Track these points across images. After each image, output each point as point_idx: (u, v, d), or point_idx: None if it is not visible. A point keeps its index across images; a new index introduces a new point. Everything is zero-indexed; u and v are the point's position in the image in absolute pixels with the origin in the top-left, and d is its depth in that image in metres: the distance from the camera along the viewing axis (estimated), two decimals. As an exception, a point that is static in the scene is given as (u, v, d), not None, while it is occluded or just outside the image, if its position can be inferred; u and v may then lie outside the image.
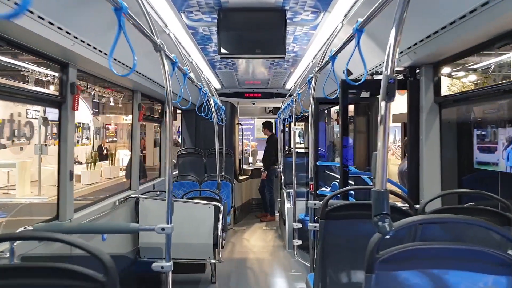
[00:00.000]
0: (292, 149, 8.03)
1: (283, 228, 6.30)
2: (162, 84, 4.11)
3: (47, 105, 2.75)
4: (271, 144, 7.68)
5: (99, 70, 3.17)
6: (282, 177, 6.59)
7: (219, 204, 4.17)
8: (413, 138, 2.97)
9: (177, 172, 6.73)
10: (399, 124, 10.45)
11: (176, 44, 3.38)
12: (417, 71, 2.99)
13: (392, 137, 13.49)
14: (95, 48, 2.70)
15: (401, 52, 2.81)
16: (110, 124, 20.98)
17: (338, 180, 6.04)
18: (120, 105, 21.17)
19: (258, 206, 8.68)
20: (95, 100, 19.05)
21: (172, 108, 2.42)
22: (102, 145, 18.91)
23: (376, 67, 3.22)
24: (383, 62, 3.16)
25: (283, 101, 7.00)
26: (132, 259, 2.89)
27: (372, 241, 1.13)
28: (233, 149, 7.37)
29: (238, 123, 8.26)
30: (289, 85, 6.98)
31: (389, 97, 1.20)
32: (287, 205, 5.96)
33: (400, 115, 9.32)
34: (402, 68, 3.03)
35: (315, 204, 2.85)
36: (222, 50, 2.86)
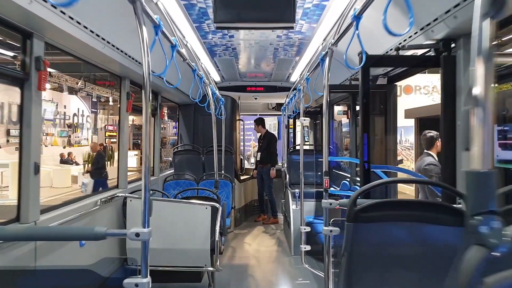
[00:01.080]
0: (298, 146, 7.56)
1: (288, 232, 5.80)
2: (153, 69, 3.65)
3: (6, 82, 2.27)
4: (271, 141, 7.16)
5: (74, 45, 2.69)
6: (287, 176, 6.09)
7: (217, 205, 3.68)
8: (449, 126, 2.47)
9: (173, 170, 6.25)
10: (410, 124, 9.92)
11: (166, 18, 2.89)
12: (453, 45, 2.50)
13: (398, 137, 12.96)
14: (64, 13, 2.22)
15: (436, 20, 2.32)
16: (115, 126, 20.61)
17: (348, 179, 5.56)
18: (119, 105, 20.77)
19: (260, 208, 8.17)
20: (93, 100, 18.68)
21: (150, 95, 1.89)
22: (108, 145, 18.45)
23: (400, 43, 2.72)
24: (411, 36, 2.65)
25: (287, 95, 6.50)
26: (101, 276, 2.40)
27: (471, 260, 0.64)
28: (233, 146, 6.88)
29: (239, 119, 7.77)
30: (294, 77, 6.49)
31: (498, 7, 0.68)
32: (293, 206, 5.46)
33: (413, 110, 8.80)
34: (434, 42, 2.54)
35: (330, 204, 2.35)
36: (219, 18, 2.37)
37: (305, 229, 3.92)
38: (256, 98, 7.15)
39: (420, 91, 12.97)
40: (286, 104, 6.22)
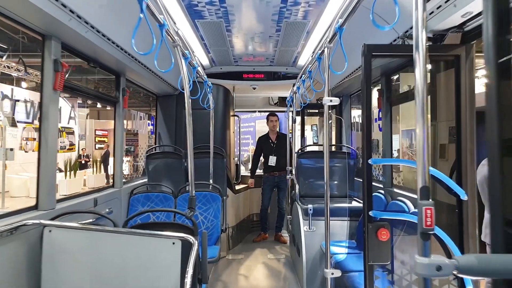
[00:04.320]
0: (309, 146, 6.08)
1: (297, 260, 4.36)
2: (111, 33, 2.25)
3: None
4: (285, 141, 5.77)
5: None
6: (296, 185, 4.64)
7: (191, 238, 2.23)
8: None
9: (146, 180, 4.80)
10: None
11: None
12: None
13: (408, 141, 11.63)
14: None
15: None
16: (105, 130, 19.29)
17: (382, 191, 4.13)
18: (108, 108, 19.38)
19: (260, 224, 6.72)
20: (79, 102, 17.36)
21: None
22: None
23: None
24: None
25: (294, 84, 5.09)
26: None
27: None
28: (226, 148, 5.44)
29: (234, 115, 6.33)
30: (303, 60, 5.10)
31: None
32: (304, 227, 4.03)
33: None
34: None
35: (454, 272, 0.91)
36: None
37: (333, 273, 2.47)
38: (254, 88, 5.73)
39: (431, 91, 11.77)
40: (294, 92, 4.80)
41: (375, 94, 4.10)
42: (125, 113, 4.01)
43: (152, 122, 5.29)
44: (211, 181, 4.46)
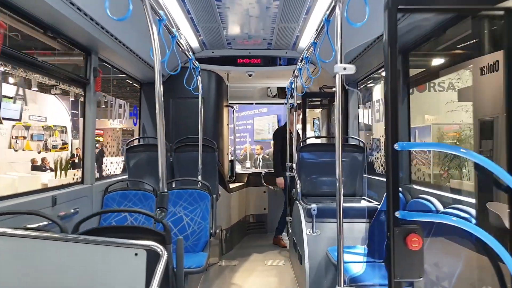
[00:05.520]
0: (310, 138, 5.44)
1: (298, 269, 3.80)
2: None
3: None
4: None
5: None
6: (298, 183, 4.07)
7: (159, 248, 1.66)
8: None
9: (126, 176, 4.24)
10: (427, 123, 7.90)
11: None
12: None
13: (411, 140, 11.08)
14: None
15: None
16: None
17: (400, 188, 3.53)
18: (103, 106, 18.80)
19: (257, 226, 6.17)
20: (72, 99, 16.80)
21: None
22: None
23: None
24: None
25: (294, 71, 4.52)
26: None
27: None
28: (219, 142, 4.87)
29: (229, 106, 5.76)
30: (304, 41, 4.54)
31: None
32: (307, 230, 3.47)
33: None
34: None
35: None
36: None
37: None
38: (251, 75, 5.16)
39: (435, 88, 11.26)
40: (295, 75, 4.23)
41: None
42: (98, 97, 3.45)
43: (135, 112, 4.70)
44: (199, 177, 3.90)
